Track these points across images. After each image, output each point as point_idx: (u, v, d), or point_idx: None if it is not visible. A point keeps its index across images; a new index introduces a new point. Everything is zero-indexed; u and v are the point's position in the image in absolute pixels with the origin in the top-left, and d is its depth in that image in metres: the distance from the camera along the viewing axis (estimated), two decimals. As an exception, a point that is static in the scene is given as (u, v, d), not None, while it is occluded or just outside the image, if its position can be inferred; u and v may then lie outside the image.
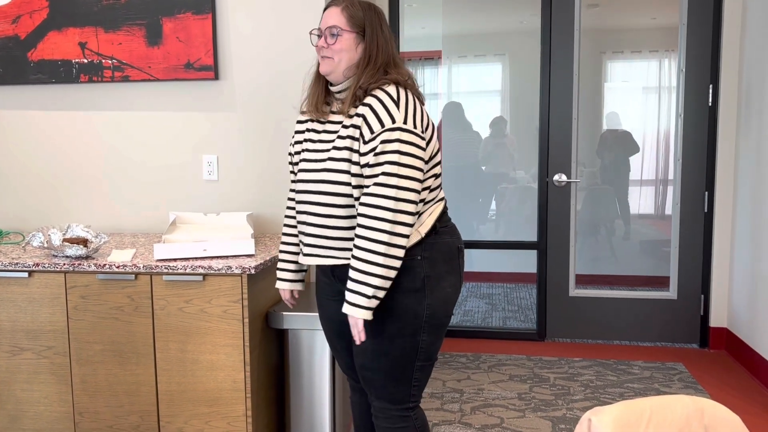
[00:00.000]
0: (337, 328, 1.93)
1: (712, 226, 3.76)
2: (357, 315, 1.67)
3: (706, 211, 3.78)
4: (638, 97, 3.91)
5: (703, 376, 3.37)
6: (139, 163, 2.95)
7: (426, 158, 1.72)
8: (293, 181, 1.92)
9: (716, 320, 3.77)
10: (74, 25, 2.88)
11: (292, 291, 2.04)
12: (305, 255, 1.84)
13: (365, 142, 1.69)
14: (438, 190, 1.82)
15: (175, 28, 2.81)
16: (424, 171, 1.72)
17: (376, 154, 1.66)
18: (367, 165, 1.68)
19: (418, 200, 1.69)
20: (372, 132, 1.68)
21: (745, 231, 3.50)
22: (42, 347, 2.35)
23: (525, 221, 4.22)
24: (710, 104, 3.72)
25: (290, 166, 1.95)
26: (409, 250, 1.74)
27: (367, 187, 1.67)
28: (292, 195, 1.99)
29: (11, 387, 2.39)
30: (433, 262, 1.77)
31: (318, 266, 1.92)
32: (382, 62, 1.75)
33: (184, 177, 2.93)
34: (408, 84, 1.76)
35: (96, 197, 3.00)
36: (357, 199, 1.72)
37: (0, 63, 2.95)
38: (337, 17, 1.76)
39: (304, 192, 1.79)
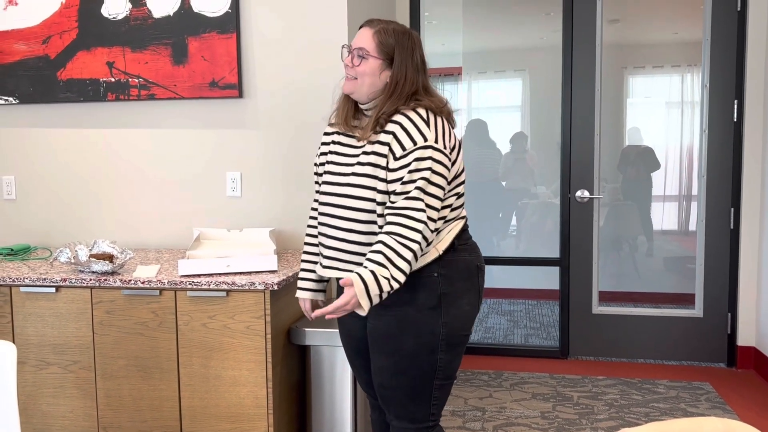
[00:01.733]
0: (355, 345, 1.92)
1: (739, 243, 3.70)
2: (359, 297, 1.60)
3: (732, 227, 3.72)
4: (660, 112, 3.88)
5: (731, 396, 3.30)
6: (163, 180, 3.00)
7: (449, 179, 1.74)
8: (318, 192, 1.93)
9: (744, 339, 3.70)
10: (102, 45, 2.94)
11: (312, 301, 2.02)
12: (324, 267, 1.85)
13: (396, 159, 1.69)
14: (460, 209, 1.82)
15: (200, 48, 2.85)
16: (445, 191, 1.73)
17: (410, 171, 1.67)
18: (398, 180, 1.68)
19: (437, 219, 1.70)
20: (404, 149, 1.69)
21: (772, 248, 3.44)
22: (68, 362, 2.38)
23: (546, 237, 4.19)
24: (735, 120, 3.68)
25: (315, 176, 1.96)
26: (426, 267, 1.74)
27: (395, 202, 1.68)
28: (316, 205, 2.00)
29: (37, 401, 2.42)
30: (450, 280, 1.76)
31: (338, 282, 1.92)
32: (409, 91, 1.75)
33: (208, 193, 2.96)
34: (442, 110, 1.76)
35: (122, 213, 3.04)
36: (381, 215, 1.72)
37: (30, 82, 3.03)
38: (367, 40, 1.77)
39: (327, 204, 1.81)
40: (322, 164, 1.90)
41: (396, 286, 1.64)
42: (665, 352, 3.85)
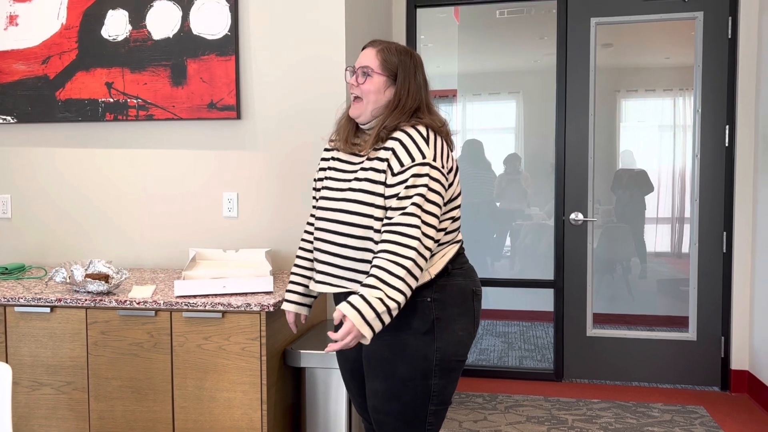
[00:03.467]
0: (350, 367, 1.92)
1: (732, 267, 3.72)
2: (358, 326, 1.59)
3: (724, 251, 3.75)
4: (653, 135, 3.93)
5: (726, 420, 3.30)
6: (160, 200, 3.00)
7: (446, 199, 1.75)
8: (314, 207, 1.94)
9: (737, 363, 3.71)
10: (102, 66, 2.96)
11: (296, 315, 2.02)
12: (317, 282, 1.85)
13: (394, 174, 1.70)
14: (455, 232, 1.82)
15: (199, 69, 2.88)
16: (442, 211, 1.74)
17: (407, 187, 1.67)
18: (396, 196, 1.69)
19: (436, 237, 1.70)
20: (402, 165, 1.70)
21: (765, 271, 3.47)
22: (61, 383, 2.37)
23: (540, 258, 4.21)
24: (727, 145, 3.73)
25: (314, 192, 1.98)
26: (419, 291, 1.74)
27: (391, 218, 1.68)
28: (312, 220, 2.01)
29: (29, 422, 2.40)
30: (444, 305, 1.76)
31: (335, 301, 1.92)
32: (411, 107, 1.78)
33: (205, 214, 2.97)
34: (441, 130, 1.78)
35: (118, 233, 3.04)
36: (377, 231, 1.73)
37: (29, 102, 3.04)
38: (371, 59, 1.80)
39: (323, 219, 1.81)
40: (321, 180, 1.91)
41: (393, 305, 1.62)
42: (659, 375, 3.85)
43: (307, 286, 2.00)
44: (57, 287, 2.51)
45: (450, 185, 1.76)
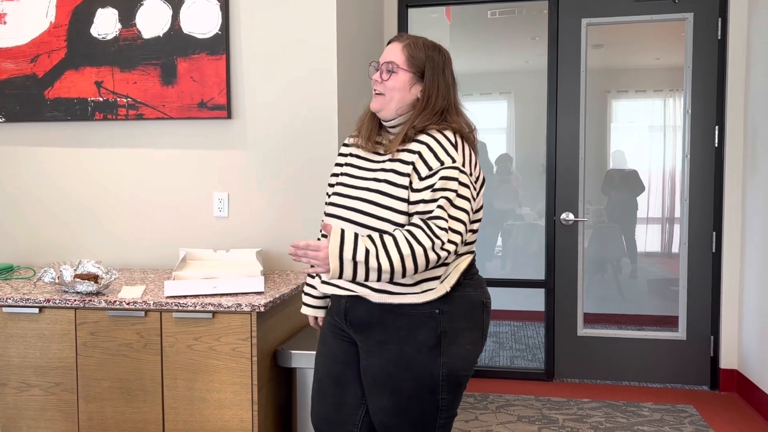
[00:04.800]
0: (336, 372, 1.80)
1: (721, 267, 3.74)
2: (330, 258, 1.51)
3: (714, 251, 3.77)
4: (643, 135, 3.95)
5: (715, 419, 3.32)
6: (150, 200, 2.98)
7: (474, 208, 1.67)
8: (327, 203, 1.85)
9: (726, 362, 3.73)
10: (91, 65, 2.94)
11: (315, 318, 1.98)
12: (323, 282, 1.76)
13: (421, 179, 1.62)
14: (472, 244, 1.76)
15: (190, 68, 2.87)
16: (470, 218, 1.65)
17: (434, 190, 1.60)
18: (422, 201, 1.61)
19: (460, 242, 1.61)
20: (430, 168, 1.62)
21: (754, 272, 3.49)
22: (50, 384, 2.35)
23: (531, 258, 4.22)
24: (716, 145, 3.75)
25: (329, 188, 1.89)
26: (428, 304, 1.67)
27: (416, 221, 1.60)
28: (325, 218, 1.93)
29: (18, 424, 2.38)
30: (452, 317, 1.68)
31: (334, 306, 1.83)
32: (441, 107, 1.70)
33: (195, 214, 2.95)
34: (468, 137, 1.71)
35: (107, 233, 3.02)
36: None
37: (17, 101, 3.01)
38: (396, 54, 1.71)
39: (335, 217, 1.73)
40: (336, 175, 1.83)
41: (373, 274, 1.52)
42: (649, 374, 3.87)
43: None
44: (46, 288, 2.49)
45: (477, 194, 1.69)
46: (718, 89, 3.73)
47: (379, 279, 1.55)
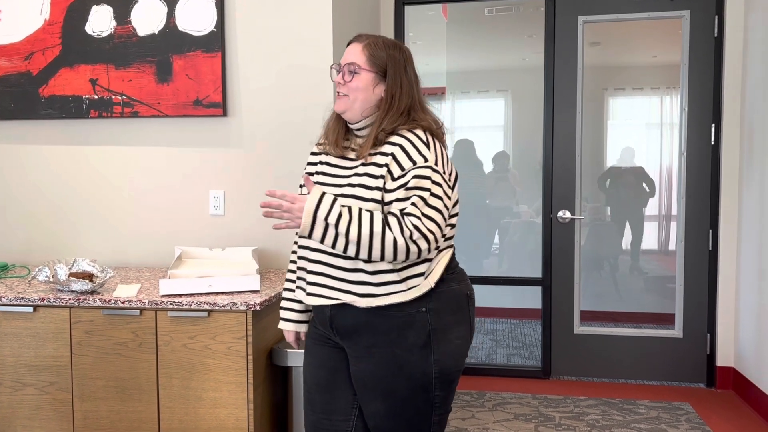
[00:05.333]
0: (324, 377, 1.77)
1: (717, 264, 3.75)
2: (304, 215, 1.55)
3: (710, 248, 3.78)
4: (640, 133, 3.95)
5: (711, 417, 3.33)
6: (145, 198, 2.97)
7: (449, 206, 1.67)
8: None
9: (723, 359, 3.74)
10: (86, 62, 2.93)
11: (296, 333, 1.91)
12: (308, 294, 1.74)
13: (394, 179, 1.62)
14: (451, 239, 1.76)
15: (185, 66, 2.85)
16: (444, 217, 1.64)
17: (407, 189, 1.60)
18: (396, 200, 1.61)
19: (435, 240, 1.60)
20: (402, 169, 1.62)
21: (750, 269, 3.49)
22: (44, 383, 2.34)
23: (528, 255, 4.22)
24: (713, 143, 3.75)
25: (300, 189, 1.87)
26: (413, 302, 1.66)
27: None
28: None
29: (12, 423, 2.37)
30: (439, 314, 1.67)
31: (317, 316, 1.79)
32: (406, 105, 1.70)
33: (191, 212, 2.94)
34: (438, 133, 1.71)
35: (102, 231, 3.01)
36: None
37: (12, 98, 3.00)
38: (357, 55, 1.71)
39: None
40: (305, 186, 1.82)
41: (341, 241, 1.56)
42: (646, 372, 3.87)
43: (302, 302, 1.87)
44: (40, 286, 2.48)
45: (452, 190, 1.69)
46: (715, 87, 3.73)
47: (345, 250, 1.58)
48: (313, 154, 1.85)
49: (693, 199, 3.79)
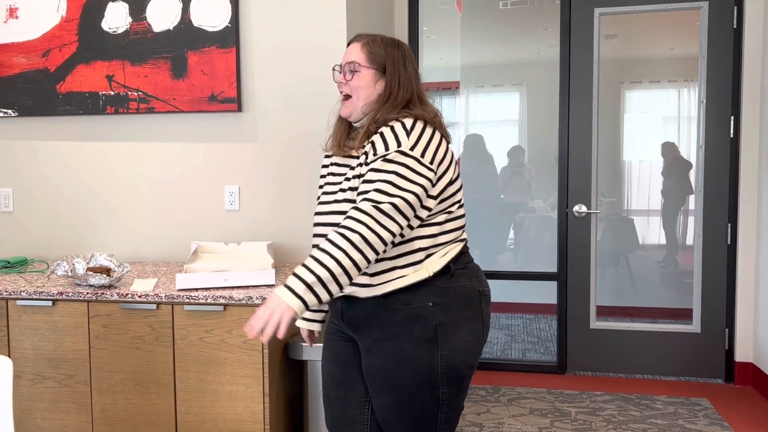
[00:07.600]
0: (340, 372, 1.79)
1: (736, 259, 3.70)
2: (284, 299, 1.47)
3: (729, 243, 3.73)
4: (658, 126, 3.90)
5: (729, 413, 3.29)
6: (161, 193, 3.00)
7: (434, 193, 1.63)
8: (315, 213, 1.86)
9: (741, 355, 3.69)
10: (102, 59, 2.95)
11: (309, 331, 1.93)
12: None
13: (367, 164, 1.62)
14: (458, 231, 1.72)
15: (200, 62, 2.86)
16: (422, 203, 1.60)
17: (373, 170, 1.58)
18: (365, 181, 1.58)
19: (400, 230, 1.55)
20: (375, 154, 1.61)
21: (769, 263, 3.45)
22: (64, 376, 2.37)
23: (543, 250, 4.20)
24: (732, 136, 3.70)
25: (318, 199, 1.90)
26: (420, 296, 1.64)
27: (355, 202, 1.59)
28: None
29: (32, 415, 2.40)
30: (447, 309, 1.65)
31: (331, 308, 1.81)
32: (404, 99, 1.70)
33: (206, 207, 2.96)
34: (433, 121, 1.69)
35: (119, 226, 3.04)
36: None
37: (29, 95, 3.03)
38: (356, 53, 1.74)
39: (318, 225, 1.75)
40: (321, 187, 1.84)
41: (332, 285, 1.48)
42: (663, 367, 3.84)
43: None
44: (59, 281, 2.51)
45: (440, 178, 1.64)
46: (734, 79, 3.67)
47: (340, 286, 1.51)
48: (326, 156, 1.87)
49: (711, 193, 3.75)
